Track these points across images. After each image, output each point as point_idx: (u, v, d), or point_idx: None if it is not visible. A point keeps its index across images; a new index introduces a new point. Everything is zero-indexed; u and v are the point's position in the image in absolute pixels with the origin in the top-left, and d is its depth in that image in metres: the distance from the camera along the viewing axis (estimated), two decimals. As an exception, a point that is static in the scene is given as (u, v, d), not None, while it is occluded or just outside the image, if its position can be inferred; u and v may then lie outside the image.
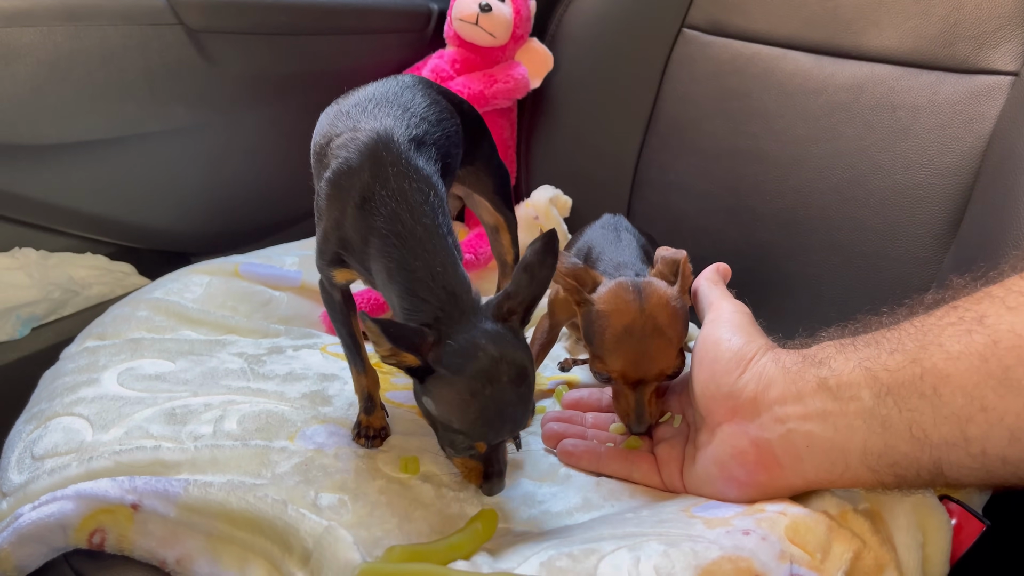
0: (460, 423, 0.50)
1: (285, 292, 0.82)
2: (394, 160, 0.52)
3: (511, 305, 0.51)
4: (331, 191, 0.54)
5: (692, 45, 0.99)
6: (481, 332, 0.49)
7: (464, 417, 0.49)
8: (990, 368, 0.42)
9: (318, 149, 0.59)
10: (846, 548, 0.47)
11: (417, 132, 0.55)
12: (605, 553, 0.46)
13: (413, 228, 0.50)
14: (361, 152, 0.52)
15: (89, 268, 0.89)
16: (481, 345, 0.49)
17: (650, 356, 0.60)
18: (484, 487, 0.53)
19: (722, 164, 0.96)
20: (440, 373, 0.49)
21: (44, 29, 0.75)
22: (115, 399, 0.60)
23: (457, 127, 0.63)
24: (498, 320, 0.51)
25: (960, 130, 0.81)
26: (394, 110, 0.57)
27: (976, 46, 0.82)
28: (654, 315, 0.60)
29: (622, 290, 0.61)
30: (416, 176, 0.52)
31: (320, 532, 0.48)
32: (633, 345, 0.60)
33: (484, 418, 0.49)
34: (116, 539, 0.50)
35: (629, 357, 0.60)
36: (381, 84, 0.63)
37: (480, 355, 0.48)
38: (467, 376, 0.48)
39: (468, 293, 0.51)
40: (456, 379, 0.48)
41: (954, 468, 0.44)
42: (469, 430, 0.50)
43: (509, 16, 1.01)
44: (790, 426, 0.49)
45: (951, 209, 0.80)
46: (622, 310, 0.60)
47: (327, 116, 0.61)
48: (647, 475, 0.60)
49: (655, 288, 0.61)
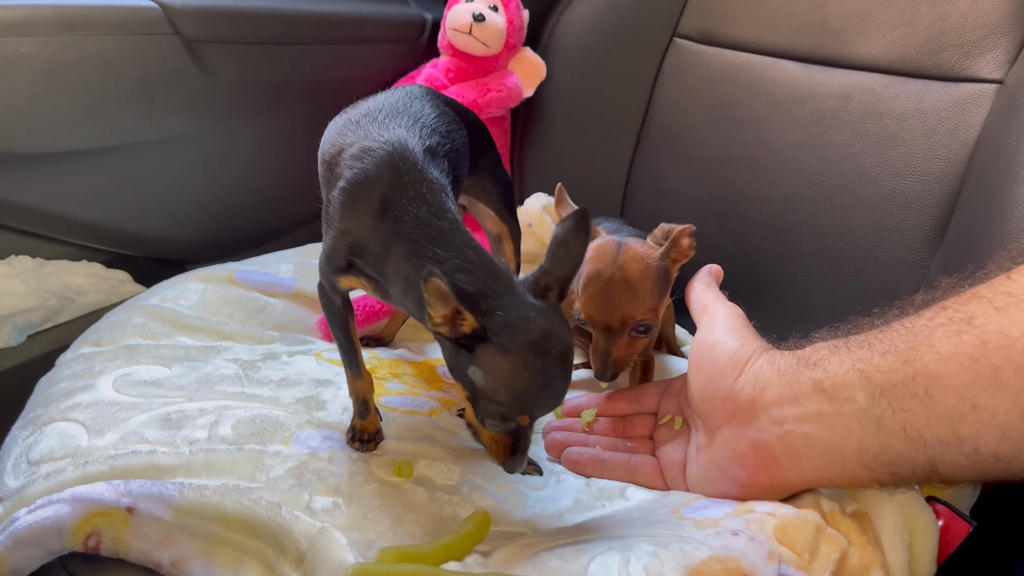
0: (507, 395, 0.49)
1: (280, 299, 0.83)
2: (410, 170, 0.52)
3: (548, 281, 0.51)
4: (346, 200, 0.54)
5: (683, 54, 1.00)
6: (529, 306, 0.49)
7: (512, 389, 0.49)
8: (980, 368, 0.43)
9: (328, 159, 0.59)
10: (833, 548, 0.47)
11: (430, 143, 0.56)
12: (596, 554, 0.46)
13: (440, 226, 0.51)
14: (378, 163, 0.53)
15: (85, 276, 0.90)
16: (531, 318, 0.48)
17: (613, 302, 0.65)
18: (507, 463, 0.53)
19: (713, 172, 0.97)
20: (492, 343, 0.48)
21: (41, 39, 0.76)
22: (111, 404, 0.61)
23: (464, 139, 0.63)
24: (537, 296, 0.51)
25: (946, 137, 0.82)
26: (405, 121, 0.58)
27: (961, 55, 0.83)
28: (624, 266, 0.66)
29: (606, 243, 0.68)
30: (433, 184, 0.53)
31: (314, 534, 0.48)
32: (600, 289, 0.66)
33: (532, 391, 0.49)
34: (111, 542, 0.50)
35: (595, 300, 0.66)
36: (389, 95, 0.63)
37: (532, 327, 0.48)
38: (519, 348, 0.48)
39: (507, 270, 0.51)
40: (509, 350, 0.48)
41: (948, 466, 0.45)
42: (515, 402, 0.49)
43: (502, 26, 1.03)
44: (787, 428, 0.50)
45: (938, 214, 0.81)
46: (599, 258, 0.67)
47: (336, 126, 0.61)
48: (651, 479, 0.61)
49: (634, 245, 0.67)
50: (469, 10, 1.01)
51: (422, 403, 0.69)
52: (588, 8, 1.08)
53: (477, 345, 0.48)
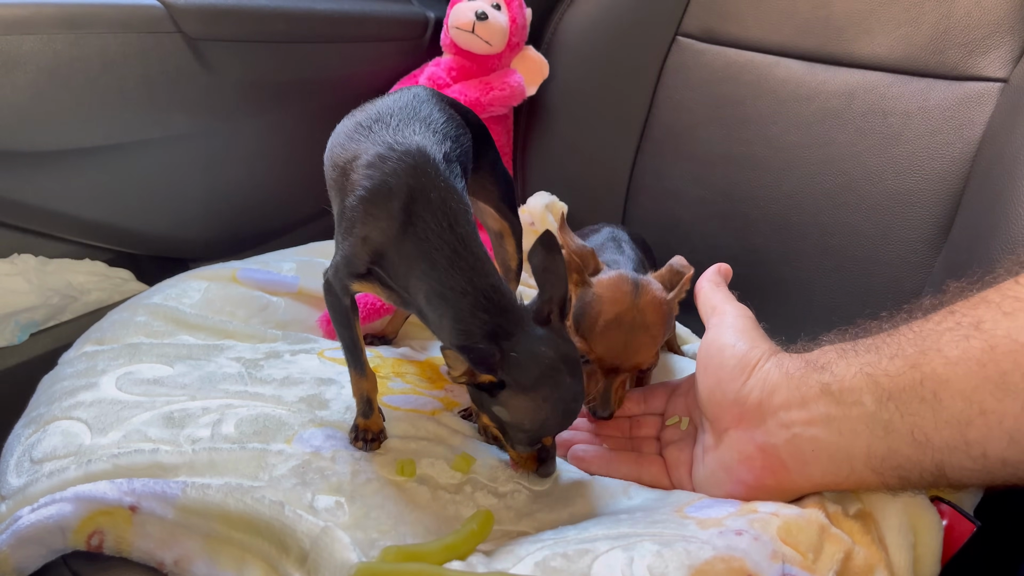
0: (531, 424, 0.54)
1: (283, 297, 0.82)
2: (434, 181, 0.53)
3: (548, 307, 0.54)
4: (368, 209, 0.54)
5: (686, 53, 1.00)
6: (538, 340, 0.52)
7: (535, 419, 0.54)
8: (988, 373, 0.42)
9: (341, 164, 0.58)
10: (837, 548, 0.47)
11: (445, 149, 0.56)
12: (599, 553, 0.46)
13: (463, 253, 0.52)
14: (398, 172, 0.53)
15: (88, 274, 0.90)
16: (542, 353, 0.52)
17: (632, 348, 0.62)
18: (540, 470, 0.58)
19: (716, 170, 0.97)
20: (512, 386, 0.52)
21: (44, 37, 0.76)
22: (113, 403, 0.61)
23: (470, 141, 0.63)
24: (542, 324, 0.54)
25: (950, 136, 0.82)
26: (419, 127, 0.57)
27: (965, 53, 0.83)
28: (645, 310, 0.62)
29: (622, 281, 0.64)
30: (456, 197, 0.53)
31: (317, 533, 0.48)
32: (619, 335, 0.62)
33: (553, 418, 0.54)
34: (114, 541, 0.50)
35: (612, 346, 0.62)
36: (396, 97, 0.63)
37: (545, 363, 0.52)
38: (536, 385, 0.52)
39: (516, 305, 0.54)
40: (527, 388, 0.52)
41: (956, 470, 0.45)
42: (539, 429, 0.54)
43: (505, 24, 1.02)
44: (795, 431, 0.50)
45: (941, 214, 0.81)
46: (617, 299, 0.62)
47: (345, 130, 0.61)
48: (657, 478, 0.61)
49: (651, 286, 0.64)
50: (472, 8, 1.01)
51: (425, 402, 0.69)
52: (591, 6, 1.08)
53: (497, 391, 0.53)
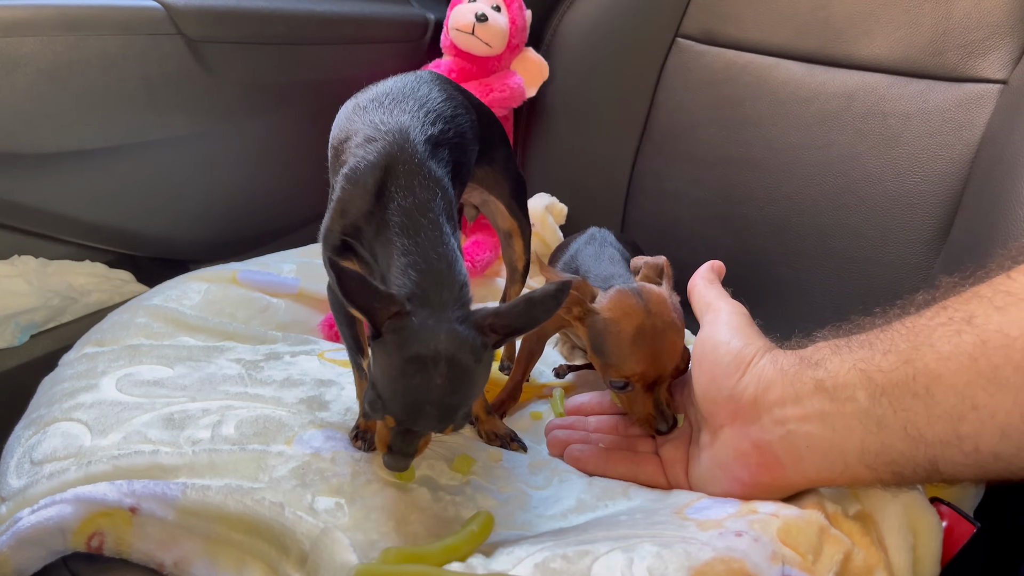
0: (380, 388, 0.50)
1: (283, 299, 0.83)
2: (407, 160, 0.54)
3: (495, 323, 0.51)
4: (347, 186, 0.55)
5: (686, 54, 1.00)
6: (444, 326, 0.49)
7: (386, 388, 0.50)
8: (980, 368, 0.43)
9: (336, 144, 0.60)
10: (837, 549, 0.47)
11: (432, 131, 0.57)
12: (599, 554, 0.46)
13: (419, 221, 0.52)
14: (378, 152, 0.54)
15: (88, 275, 0.90)
16: (434, 335, 0.49)
17: (666, 352, 0.61)
18: (384, 457, 0.52)
19: (715, 172, 0.97)
20: (387, 340, 0.49)
21: (44, 39, 0.76)
22: (114, 404, 0.61)
23: (472, 122, 0.63)
24: (476, 329, 0.50)
25: (950, 137, 0.82)
26: (410, 106, 0.58)
27: (965, 55, 0.83)
28: (660, 313, 0.61)
29: (624, 296, 0.62)
30: (427, 176, 0.54)
31: (317, 534, 0.48)
32: (649, 345, 0.61)
33: (401, 399, 0.49)
34: (114, 542, 0.50)
35: (647, 358, 0.61)
36: (399, 79, 0.64)
37: (429, 344, 0.48)
38: (404, 355, 0.48)
39: (456, 288, 0.51)
40: (396, 352, 0.49)
41: (949, 465, 0.45)
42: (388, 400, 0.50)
43: (505, 26, 1.03)
44: (790, 427, 0.50)
45: (941, 215, 0.81)
46: (630, 314, 0.61)
47: (345, 111, 0.62)
48: (653, 476, 0.61)
49: (652, 289, 0.63)
50: (472, 10, 1.01)
51: (425, 403, 0.69)
52: (591, 8, 1.08)
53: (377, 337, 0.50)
